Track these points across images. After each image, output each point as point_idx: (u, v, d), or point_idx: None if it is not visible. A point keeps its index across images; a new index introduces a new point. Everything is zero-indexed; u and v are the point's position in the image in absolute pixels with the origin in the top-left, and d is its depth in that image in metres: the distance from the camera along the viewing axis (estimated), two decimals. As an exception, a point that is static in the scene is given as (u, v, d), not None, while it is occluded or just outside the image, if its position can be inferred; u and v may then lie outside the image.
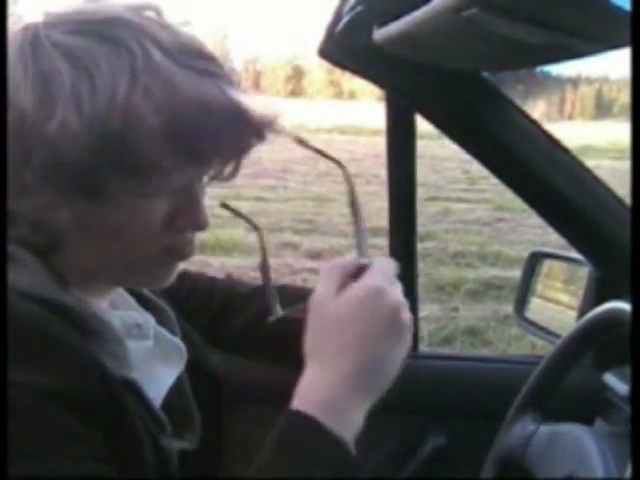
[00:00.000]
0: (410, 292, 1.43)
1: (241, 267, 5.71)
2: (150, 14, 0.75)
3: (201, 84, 0.71)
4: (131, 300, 0.89)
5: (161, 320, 0.90)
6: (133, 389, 0.75)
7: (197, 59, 0.73)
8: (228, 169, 0.80)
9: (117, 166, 0.69)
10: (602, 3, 0.58)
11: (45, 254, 0.74)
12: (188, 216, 0.77)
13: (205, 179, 0.79)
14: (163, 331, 0.89)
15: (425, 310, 4.54)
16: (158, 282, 0.83)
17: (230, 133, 0.73)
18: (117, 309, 0.86)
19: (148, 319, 0.86)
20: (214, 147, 0.73)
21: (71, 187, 0.69)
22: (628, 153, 0.73)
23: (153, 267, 0.80)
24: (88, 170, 0.68)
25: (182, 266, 0.83)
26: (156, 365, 0.86)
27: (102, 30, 0.70)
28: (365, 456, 0.93)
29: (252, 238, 6.45)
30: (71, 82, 0.67)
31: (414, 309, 1.44)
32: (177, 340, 0.90)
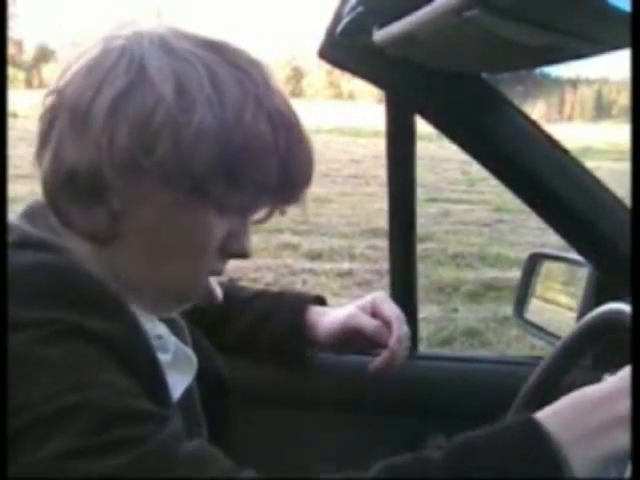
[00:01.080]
0: (409, 293, 1.43)
1: (240, 267, 5.71)
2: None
3: (297, 119, 0.79)
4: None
5: (174, 330, 0.90)
6: (155, 366, 0.75)
7: (286, 100, 0.80)
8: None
9: (226, 174, 0.73)
10: (602, 4, 0.58)
11: (99, 243, 0.76)
12: (239, 243, 0.81)
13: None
14: (177, 341, 0.89)
15: (424, 311, 4.54)
16: (184, 304, 0.85)
17: (309, 171, 0.80)
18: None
19: (168, 332, 0.87)
20: (299, 178, 0.79)
21: (180, 181, 0.72)
22: (627, 154, 0.73)
23: (193, 288, 0.82)
24: (202, 171, 0.71)
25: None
26: (171, 377, 0.84)
27: (225, 54, 0.75)
28: (365, 456, 0.93)
29: (252, 238, 6.45)
30: (206, 89, 0.71)
31: (413, 310, 1.44)
32: (189, 350, 0.90)
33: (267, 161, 0.74)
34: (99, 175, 0.71)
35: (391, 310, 1.17)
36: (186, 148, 0.70)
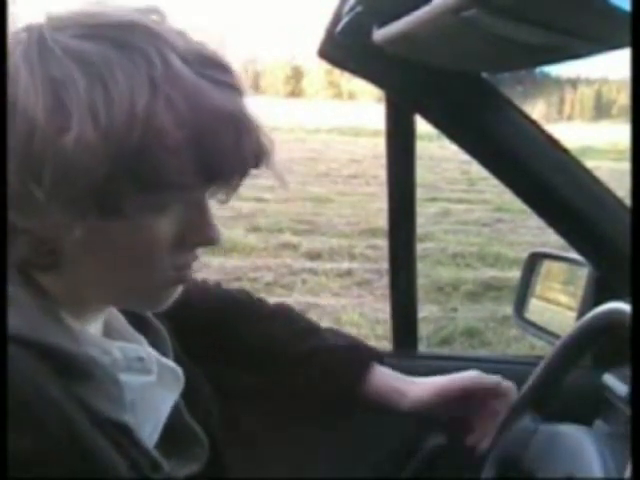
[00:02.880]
0: (409, 293, 1.43)
1: (240, 267, 5.72)
2: (155, 18, 0.71)
3: (220, 95, 0.68)
4: (127, 325, 0.85)
5: (155, 342, 0.87)
6: (124, 430, 0.70)
7: (214, 68, 0.69)
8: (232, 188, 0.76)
9: (134, 181, 0.65)
10: (602, 4, 0.58)
11: (43, 272, 0.71)
12: (200, 231, 0.74)
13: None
14: (158, 356, 0.85)
15: (424, 311, 4.54)
16: (158, 304, 0.79)
17: (247, 149, 0.70)
18: (117, 339, 0.82)
19: (150, 353, 0.82)
20: (232, 163, 0.70)
21: (84, 203, 0.65)
22: (627, 154, 0.73)
23: (158, 288, 0.76)
24: (104, 185, 0.64)
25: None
26: (155, 393, 0.83)
27: (116, 35, 0.66)
28: (365, 456, 0.94)
29: (251, 238, 6.45)
30: (86, 91, 0.63)
31: (413, 310, 1.44)
32: (172, 364, 0.86)
33: (176, 155, 0.65)
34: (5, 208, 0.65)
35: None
36: (74, 170, 0.63)
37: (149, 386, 0.80)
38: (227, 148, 0.68)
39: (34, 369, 0.64)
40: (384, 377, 1.10)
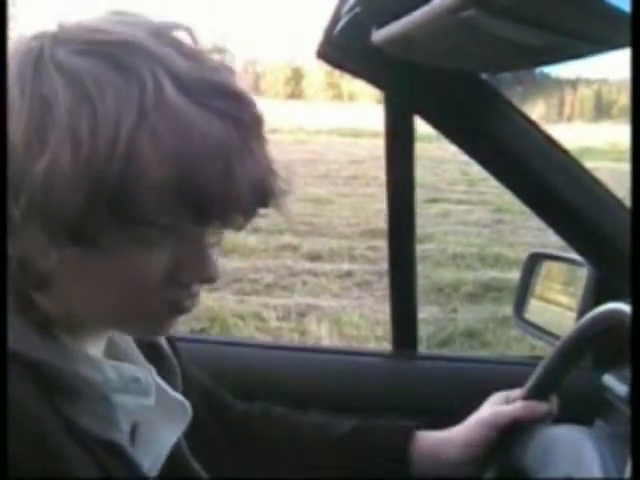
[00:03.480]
0: (409, 294, 1.43)
1: (240, 269, 5.72)
2: (180, 35, 0.67)
3: (216, 127, 0.63)
4: (134, 348, 0.83)
5: (164, 372, 0.84)
6: (116, 450, 0.67)
7: (219, 98, 0.64)
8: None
9: (112, 214, 0.61)
10: (601, 4, 0.58)
11: (34, 290, 0.69)
12: (195, 268, 0.69)
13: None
14: (164, 386, 0.83)
15: (424, 312, 4.54)
16: (154, 334, 0.78)
17: (243, 187, 0.64)
18: (115, 358, 0.79)
19: (147, 374, 0.79)
20: (223, 202, 0.64)
21: (59, 231, 0.62)
22: (627, 155, 0.73)
23: (151, 319, 0.72)
24: (79, 215, 0.61)
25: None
26: (159, 423, 0.80)
27: (114, 54, 0.63)
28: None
29: (252, 240, 6.45)
30: (71, 115, 0.60)
31: (413, 311, 1.44)
32: (179, 396, 0.84)
33: (158, 192, 0.62)
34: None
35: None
36: (47, 197, 0.60)
37: (147, 410, 0.78)
38: (215, 186, 0.63)
39: (13, 381, 0.62)
40: (428, 439, 1.05)
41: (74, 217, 0.61)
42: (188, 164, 0.61)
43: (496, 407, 1.04)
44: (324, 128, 17.64)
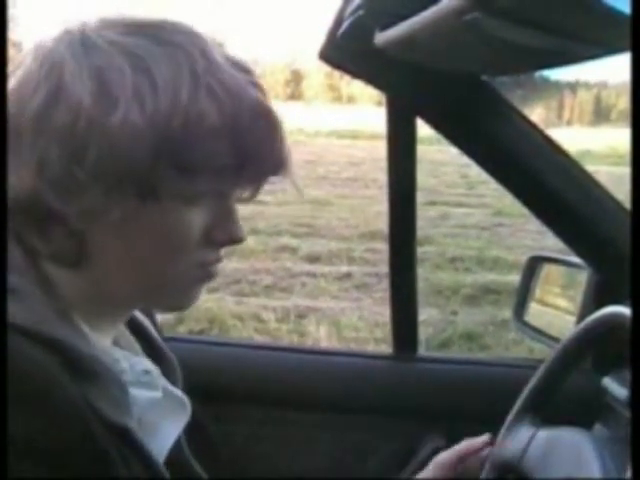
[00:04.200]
0: (409, 296, 1.43)
1: (239, 270, 5.71)
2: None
3: (256, 92, 0.71)
4: (137, 346, 0.85)
5: (165, 370, 0.85)
6: (129, 438, 0.68)
7: (243, 71, 0.72)
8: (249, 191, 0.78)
9: (174, 164, 0.67)
10: (603, 8, 0.58)
11: (70, 267, 0.71)
12: (226, 228, 0.75)
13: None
14: (166, 383, 0.84)
15: (423, 314, 4.54)
16: (181, 304, 0.79)
17: (277, 148, 0.72)
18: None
19: (155, 368, 0.81)
20: (264, 156, 0.72)
21: (124, 185, 0.66)
22: (626, 159, 0.73)
23: (183, 286, 0.76)
24: (145, 167, 0.66)
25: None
26: (162, 418, 0.81)
27: (158, 34, 0.69)
28: (365, 457, 0.94)
29: (251, 241, 6.44)
30: (132, 79, 0.66)
31: (413, 313, 1.44)
32: (180, 393, 0.85)
33: (216, 141, 0.68)
34: (40, 198, 0.66)
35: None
36: (119, 151, 0.65)
37: (156, 403, 0.78)
38: (262, 140, 0.70)
39: (45, 361, 0.63)
40: None
41: (140, 168, 0.66)
42: (241, 116, 0.68)
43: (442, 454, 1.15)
44: (323, 130, 17.65)
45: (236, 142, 0.69)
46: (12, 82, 0.69)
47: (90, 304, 0.73)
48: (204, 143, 0.67)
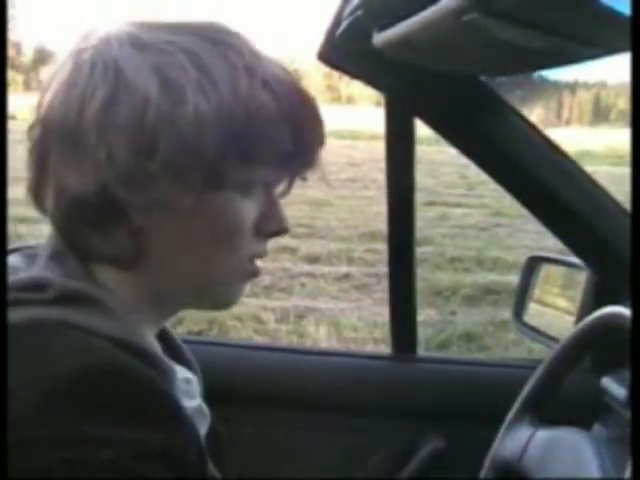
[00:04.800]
0: (408, 296, 1.43)
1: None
2: None
3: (300, 83, 0.75)
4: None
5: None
6: (197, 435, 0.71)
7: (280, 66, 0.76)
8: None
9: (238, 153, 0.70)
10: (602, 8, 0.58)
11: (129, 267, 0.72)
12: (274, 219, 0.78)
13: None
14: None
15: (422, 314, 4.54)
16: (230, 300, 0.80)
17: (322, 134, 0.76)
18: None
19: (194, 377, 0.82)
20: (312, 143, 0.75)
21: (193, 175, 0.69)
22: (626, 159, 0.73)
23: (234, 279, 0.78)
24: (213, 157, 0.68)
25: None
26: (196, 423, 0.80)
27: (207, 33, 0.72)
28: (365, 458, 0.94)
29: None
30: (194, 74, 0.68)
31: (412, 313, 1.44)
32: (201, 402, 0.85)
33: (276, 129, 0.71)
34: (109, 194, 0.67)
35: None
36: (188, 141, 0.67)
37: (194, 412, 0.79)
38: (313, 127, 0.75)
39: (147, 369, 0.65)
40: None
41: (211, 159, 0.68)
42: (295, 107, 0.72)
43: None
44: (323, 130, 17.58)
45: (292, 128, 0.72)
46: (54, 90, 0.70)
47: (140, 306, 0.74)
48: (265, 133, 0.70)
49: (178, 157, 0.67)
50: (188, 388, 0.79)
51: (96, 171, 0.67)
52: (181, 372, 0.79)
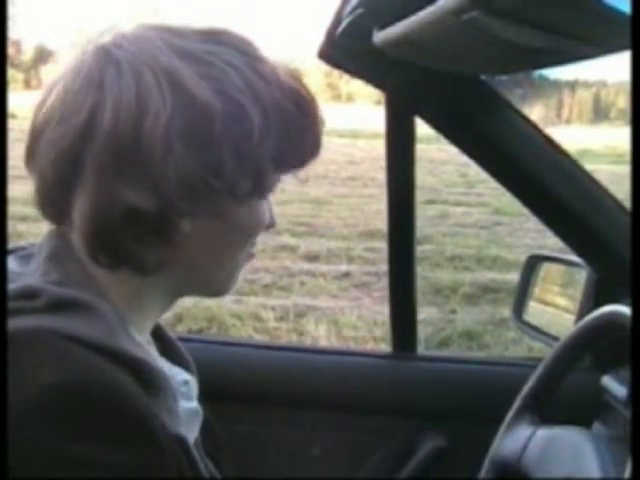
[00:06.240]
0: (408, 295, 1.43)
1: (239, 270, 5.70)
2: None
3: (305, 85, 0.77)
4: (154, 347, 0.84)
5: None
6: (184, 446, 0.70)
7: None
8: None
9: (274, 161, 0.73)
10: (602, 7, 0.58)
11: (149, 274, 0.72)
12: (270, 215, 0.80)
13: None
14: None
15: (422, 313, 4.54)
16: (230, 287, 0.82)
17: (319, 142, 0.78)
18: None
19: (192, 378, 0.83)
20: (314, 140, 0.77)
21: (247, 186, 0.72)
22: (626, 157, 0.73)
23: (237, 269, 0.80)
24: (263, 169, 0.72)
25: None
26: (193, 423, 0.82)
27: (232, 42, 0.73)
28: (365, 456, 0.94)
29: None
30: (242, 86, 0.70)
31: (412, 312, 1.44)
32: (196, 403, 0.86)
33: (298, 135, 0.74)
34: (169, 207, 0.68)
35: None
36: (248, 158, 0.70)
37: (190, 414, 0.79)
38: (318, 125, 0.77)
39: (127, 382, 0.64)
40: None
41: (262, 168, 0.72)
42: (308, 109, 0.75)
43: None
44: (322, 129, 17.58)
45: (311, 133, 0.75)
46: (75, 91, 0.68)
47: (140, 305, 0.75)
48: (291, 140, 0.73)
49: (239, 174, 0.70)
50: (186, 390, 0.79)
51: (160, 186, 0.67)
52: (179, 374, 0.79)
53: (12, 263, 0.75)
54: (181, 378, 0.79)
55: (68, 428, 0.59)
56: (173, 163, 0.66)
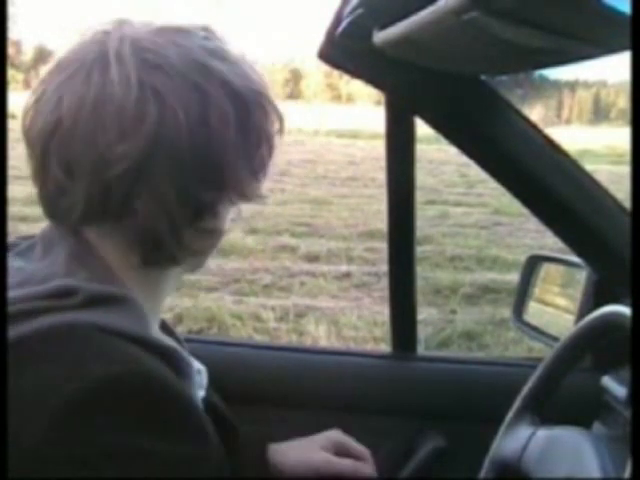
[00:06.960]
0: (408, 295, 1.43)
1: (238, 269, 5.71)
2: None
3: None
4: None
5: None
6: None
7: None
8: None
9: (250, 170, 0.78)
10: (602, 7, 0.58)
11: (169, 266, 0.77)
12: None
13: None
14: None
15: (422, 313, 4.54)
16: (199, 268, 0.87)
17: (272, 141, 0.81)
18: None
19: (203, 368, 0.86)
20: (265, 155, 0.80)
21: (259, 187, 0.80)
22: (626, 157, 0.73)
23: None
24: (247, 173, 0.78)
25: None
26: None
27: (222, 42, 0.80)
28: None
29: (250, 240, 6.44)
30: (261, 93, 0.79)
31: (412, 312, 1.44)
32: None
33: (266, 146, 0.80)
34: (224, 202, 0.76)
35: (359, 448, 1.11)
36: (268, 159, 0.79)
37: (200, 402, 0.81)
38: (264, 140, 0.80)
39: (165, 370, 0.67)
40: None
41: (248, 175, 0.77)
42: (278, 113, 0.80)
43: (328, 456, 1.07)
44: (322, 129, 17.61)
45: (272, 136, 0.80)
46: (96, 90, 0.71)
47: (153, 300, 0.79)
48: (264, 148, 0.79)
49: (264, 176, 0.79)
50: (199, 379, 0.82)
51: (223, 187, 0.74)
52: (194, 363, 0.81)
53: (15, 260, 0.76)
54: (197, 366, 0.82)
55: (121, 417, 0.61)
56: (233, 165, 0.73)
